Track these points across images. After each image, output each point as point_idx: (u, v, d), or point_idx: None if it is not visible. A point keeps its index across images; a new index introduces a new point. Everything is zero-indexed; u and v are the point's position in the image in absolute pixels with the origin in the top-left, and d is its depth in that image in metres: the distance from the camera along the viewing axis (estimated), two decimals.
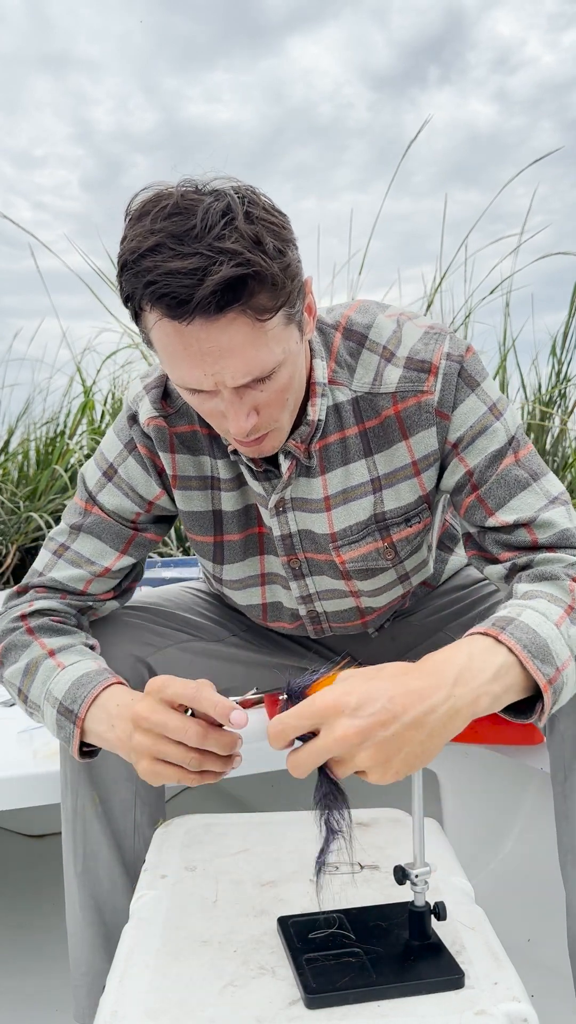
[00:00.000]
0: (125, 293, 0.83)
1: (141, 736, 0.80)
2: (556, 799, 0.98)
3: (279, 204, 0.86)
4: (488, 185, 4.37)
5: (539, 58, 5.43)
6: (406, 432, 0.99)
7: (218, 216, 0.78)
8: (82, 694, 0.92)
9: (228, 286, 0.77)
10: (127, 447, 1.07)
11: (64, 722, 0.93)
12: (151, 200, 0.81)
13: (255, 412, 0.88)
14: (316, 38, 6.27)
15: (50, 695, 0.95)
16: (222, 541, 1.11)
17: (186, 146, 5.84)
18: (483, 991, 0.68)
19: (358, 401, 1.00)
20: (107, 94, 5.80)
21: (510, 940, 0.80)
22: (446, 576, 1.28)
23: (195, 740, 0.77)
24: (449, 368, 0.96)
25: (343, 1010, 0.66)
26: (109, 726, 0.89)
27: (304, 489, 1.03)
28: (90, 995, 1.09)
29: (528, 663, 0.77)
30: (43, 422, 4.07)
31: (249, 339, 0.82)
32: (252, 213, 0.80)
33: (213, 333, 0.80)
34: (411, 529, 1.05)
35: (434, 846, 0.92)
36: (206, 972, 0.71)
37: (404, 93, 6.20)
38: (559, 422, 3.53)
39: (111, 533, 1.09)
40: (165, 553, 3.31)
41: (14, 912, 1.71)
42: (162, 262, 0.77)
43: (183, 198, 0.79)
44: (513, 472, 0.98)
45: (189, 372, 0.84)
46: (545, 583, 0.90)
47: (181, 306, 0.78)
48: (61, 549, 1.09)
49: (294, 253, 0.85)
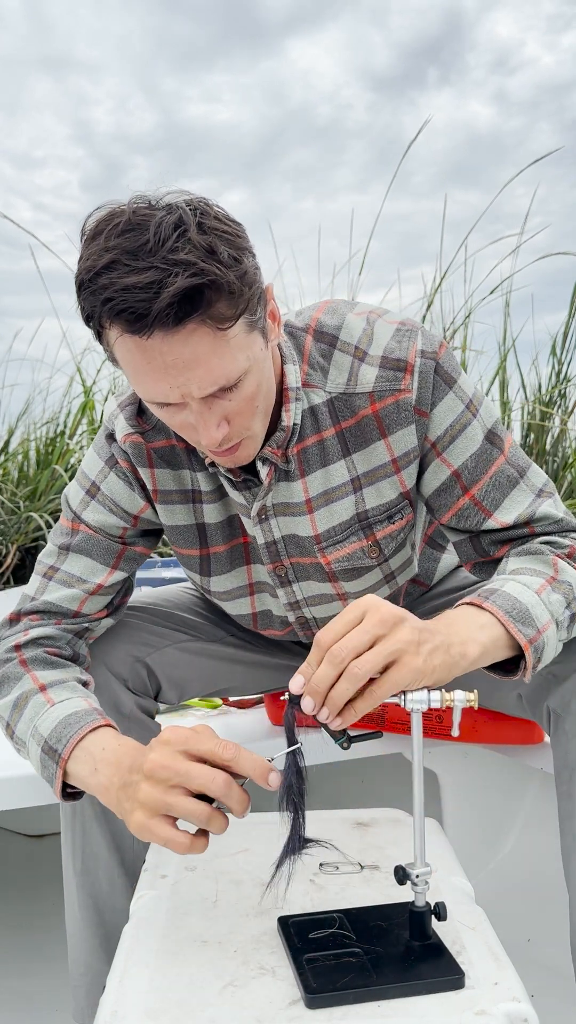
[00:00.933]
0: (85, 313, 0.83)
1: (151, 787, 0.76)
2: (560, 798, 0.98)
3: (279, 205, 0.86)
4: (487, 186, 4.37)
5: (538, 59, 5.44)
6: (384, 431, 0.99)
7: (171, 229, 0.78)
8: (68, 734, 0.89)
9: (185, 297, 0.77)
10: (108, 463, 1.07)
11: (48, 761, 0.90)
12: (104, 219, 0.81)
13: (225, 422, 0.88)
14: (315, 39, 6.28)
15: (36, 732, 0.92)
16: (208, 554, 1.10)
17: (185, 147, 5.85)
18: (483, 991, 0.68)
19: (333, 402, 1.00)
20: (107, 95, 5.80)
21: (510, 940, 0.80)
22: (439, 576, 1.28)
23: (221, 790, 0.74)
24: (425, 366, 0.97)
25: (343, 1010, 0.66)
26: (92, 770, 0.85)
27: (285, 494, 1.03)
28: (89, 995, 1.09)
29: (509, 625, 0.84)
30: (43, 422, 4.07)
31: (211, 348, 0.82)
32: (204, 224, 0.80)
33: (175, 345, 0.80)
34: (394, 526, 1.05)
35: (434, 846, 0.92)
36: (206, 972, 0.71)
37: (403, 94, 6.21)
38: (559, 422, 3.53)
39: (100, 549, 1.08)
40: (165, 553, 3.31)
41: (14, 912, 1.71)
42: (118, 278, 0.77)
43: (135, 214, 0.79)
44: (504, 471, 1.00)
45: (154, 386, 0.84)
46: (529, 558, 0.96)
47: (139, 320, 0.78)
48: (51, 571, 1.08)
49: (251, 260, 0.85)
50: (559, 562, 0.94)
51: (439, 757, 1.45)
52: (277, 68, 6.14)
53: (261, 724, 1.40)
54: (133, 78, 6.23)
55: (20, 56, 6.02)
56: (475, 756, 1.45)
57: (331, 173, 5.47)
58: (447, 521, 1.04)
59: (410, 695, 0.74)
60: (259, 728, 1.38)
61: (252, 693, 1.33)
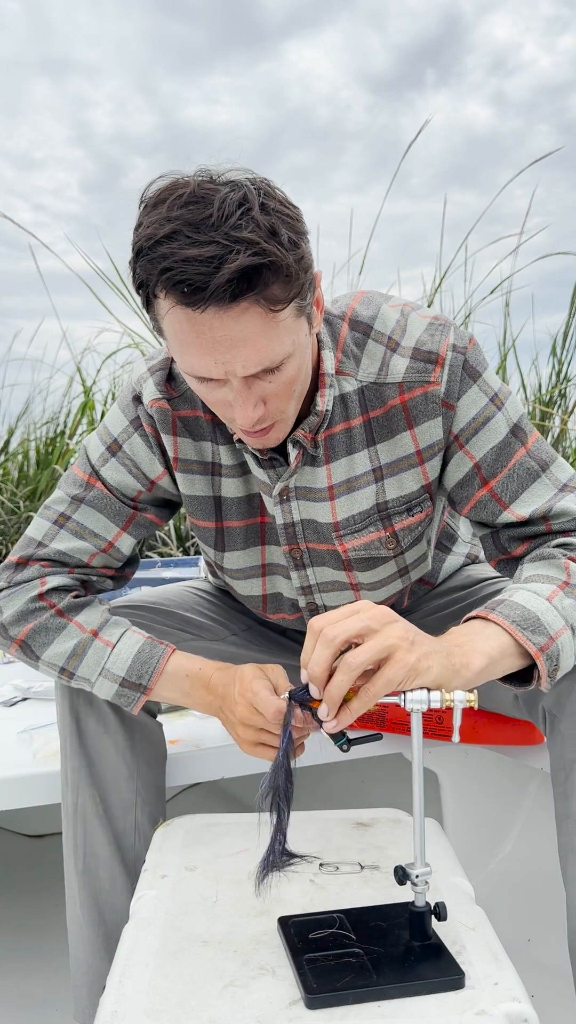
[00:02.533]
0: (139, 279, 0.83)
1: (243, 732, 0.95)
2: (557, 799, 0.98)
3: None
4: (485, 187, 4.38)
5: (536, 61, 5.45)
6: (411, 422, 0.99)
7: (235, 206, 0.78)
8: (147, 669, 1.02)
9: (243, 275, 0.78)
10: (133, 424, 1.07)
11: (127, 692, 1.02)
12: (167, 188, 0.81)
13: (262, 403, 0.89)
14: (313, 42, 6.29)
15: (108, 672, 1.02)
16: (223, 527, 1.11)
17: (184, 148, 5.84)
18: (483, 991, 0.68)
19: (364, 391, 1.00)
20: (106, 97, 5.81)
21: (510, 940, 0.80)
22: (443, 576, 1.28)
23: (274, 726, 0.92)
24: (455, 359, 0.97)
25: (343, 1010, 0.66)
26: (184, 693, 1.02)
27: (308, 478, 1.04)
28: (90, 995, 1.09)
29: (516, 634, 0.84)
30: (43, 422, 4.07)
31: (261, 329, 0.82)
32: (268, 204, 0.80)
33: (226, 322, 0.81)
34: (413, 519, 1.05)
35: (434, 846, 0.92)
36: (206, 972, 0.71)
37: (401, 96, 6.21)
38: (559, 422, 3.53)
39: (112, 509, 1.09)
40: (165, 553, 3.32)
41: (14, 912, 1.71)
42: (178, 249, 0.77)
43: (199, 187, 0.79)
44: (525, 464, 1.00)
45: (200, 360, 0.84)
46: (541, 563, 0.95)
47: (196, 293, 0.78)
48: (62, 519, 1.09)
49: (307, 246, 0.85)
50: (572, 565, 0.94)
51: (439, 757, 1.45)
52: (275, 70, 6.15)
53: None
54: (132, 80, 6.24)
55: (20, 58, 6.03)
56: (475, 756, 1.45)
57: (330, 174, 5.48)
58: (467, 514, 1.04)
59: (409, 695, 0.74)
60: None
61: None
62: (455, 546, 1.29)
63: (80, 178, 5.77)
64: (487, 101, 5.31)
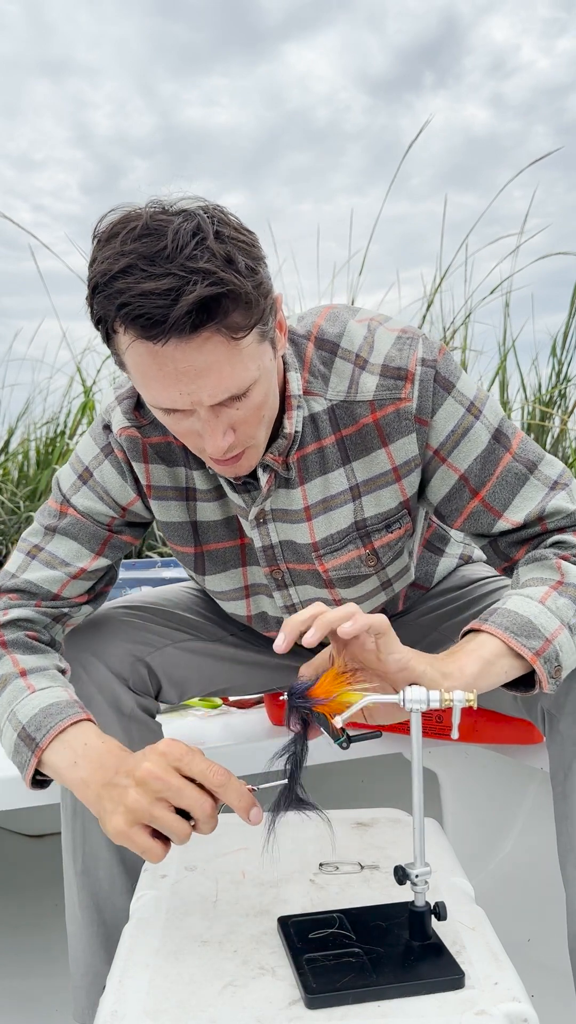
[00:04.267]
0: (97, 315, 0.82)
1: (139, 795, 0.76)
2: (556, 799, 0.98)
3: (277, 208, 0.86)
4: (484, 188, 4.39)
5: (534, 63, 5.45)
6: (385, 439, 0.98)
7: (189, 236, 0.77)
8: (48, 724, 0.89)
9: (203, 306, 0.77)
10: (103, 451, 1.06)
11: (23, 748, 0.90)
12: (119, 222, 0.80)
13: (231, 430, 0.88)
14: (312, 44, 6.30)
15: (13, 717, 0.92)
16: (203, 551, 1.10)
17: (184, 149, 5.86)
18: (483, 991, 0.68)
19: (334, 410, 0.99)
20: (106, 98, 5.81)
21: (510, 940, 0.80)
22: (438, 578, 1.28)
23: (205, 815, 0.76)
24: (425, 374, 0.96)
25: (343, 1010, 0.66)
26: (71, 763, 0.86)
27: (284, 500, 1.03)
28: (90, 995, 1.09)
29: (510, 640, 0.84)
30: (43, 422, 4.06)
31: (224, 357, 0.81)
32: (222, 232, 0.79)
33: (188, 353, 0.80)
34: (392, 535, 1.04)
35: (434, 846, 0.92)
36: (206, 972, 0.71)
37: (400, 98, 6.21)
38: (559, 422, 3.53)
39: (87, 534, 1.08)
40: (165, 553, 3.31)
41: (14, 912, 1.71)
42: (134, 283, 0.76)
43: (152, 219, 0.79)
44: (512, 469, 0.99)
45: (164, 392, 0.84)
46: (534, 566, 0.95)
47: (155, 327, 0.77)
48: (35, 550, 1.08)
49: (265, 271, 0.85)
50: (563, 564, 0.94)
51: (439, 757, 1.45)
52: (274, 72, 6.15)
53: (261, 724, 1.40)
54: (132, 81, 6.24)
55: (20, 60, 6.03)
56: (475, 756, 1.45)
57: (329, 175, 5.48)
58: (460, 526, 1.03)
59: (409, 695, 0.74)
60: (259, 728, 1.38)
61: (252, 693, 1.33)
62: (448, 547, 1.28)
63: (80, 179, 5.77)
64: (485, 103, 5.32)
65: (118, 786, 0.79)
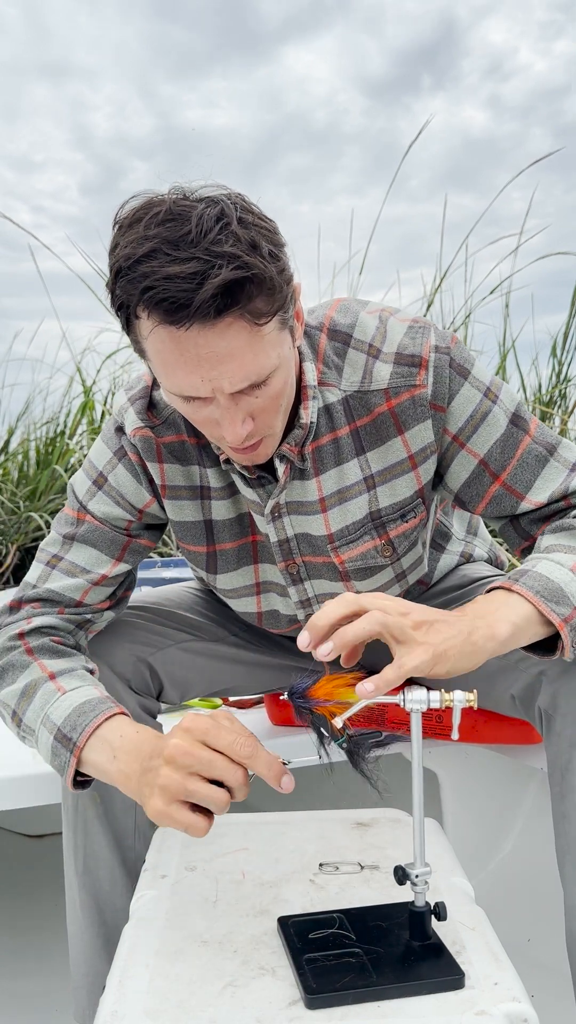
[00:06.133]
0: (119, 300, 0.82)
1: (171, 772, 0.76)
2: (553, 799, 0.98)
3: (276, 208, 0.87)
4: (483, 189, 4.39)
5: (531, 65, 5.46)
6: (401, 427, 0.99)
7: (213, 221, 0.77)
8: (83, 722, 0.89)
9: (227, 290, 0.77)
10: (116, 455, 1.06)
11: (60, 750, 0.90)
12: (142, 207, 0.81)
13: (250, 419, 0.88)
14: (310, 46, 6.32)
15: (48, 720, 0.92)
16: (215, 551, 1.10)
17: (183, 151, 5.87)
18: (483, 991, 0.68)
19: (348, 400, 1.00)
20: (105, 100, 5.82)
21: (510, 940, 0.80)
22: (439, 575, 1.28)
23: (238, 783, 0.76)
24: (439, 360, 0.97)
25: (343, 1010, 0.66)
26: (111, 757, 0.86)
27: (299, 492, 1.03)
28: (90, 996, 1.09)
29: (540, 605, 0.85)
30: (43, 422, 4.06)
31: (247, 343, 0.81)
32: (245, 219, 0.80)
33: (211, 338, 0.80)
34: (407, 524, 1.05)
35: (434, 846, 0.92)
36: (206, 972, 0.71)
37: (398, 100, 6.24)
38: (559, 422, 3.53)
39: (105, 540, 1.08)
40: (165, 553, 3.31)
41: (14, 912, 1.71)
42: (159, 267, 0.76)
43: (175, 204, 0.79)
44: (532, 451, 1.00)
45: (185, 378, 0.84)
46: (562, 534, 0.96)
47: (180, 310, 0.77)
48: (55, 560, 1.08)
49: (286, 258, 0.85)
50: None
51: (439, 757, 1.45)
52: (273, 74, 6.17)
53: (261, 724, 1.40)
54: (131, 84, 6.24)
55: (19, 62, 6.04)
56: (475, 756, 1.45)
57: (328, 177, 5.49)
58: (482, 511, 1.04)
59: (409, 695, 0.74)
60: (259, 728, 1.38)
61: (253, 693, 1.33)
62: (449, 544, 1.28)
63: (79, 180, 5.78)
64: (483, 105, 5.33)
65: (151, 769, 0.80)
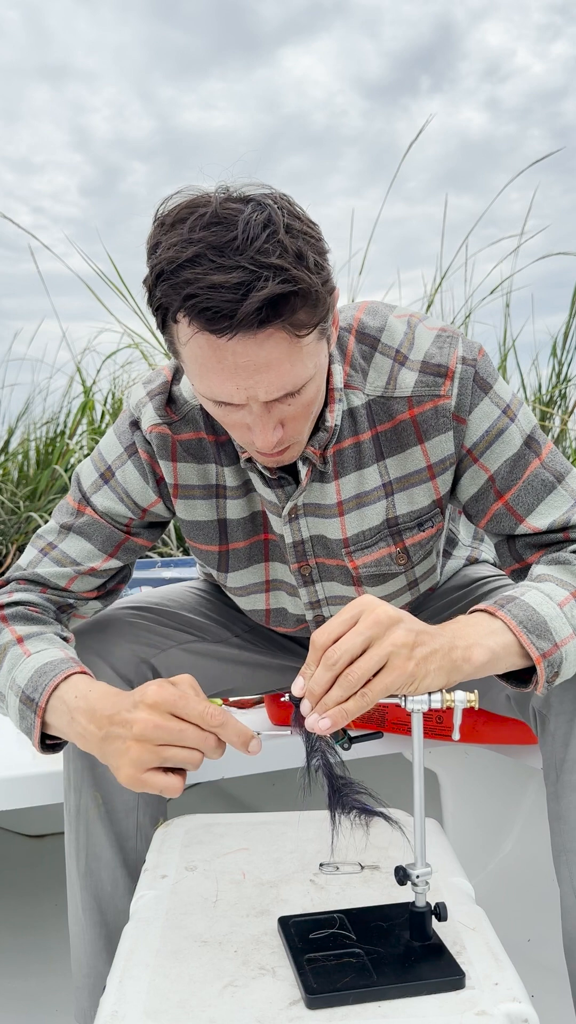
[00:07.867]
0: (158, 302, 0.80)
1: (142, 750, 0.77)
2: (549, 799, 0.98)
3: None
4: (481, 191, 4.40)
5: (528, 68, 5.47)
6: (422, 436, 0.98)
7: (260, 228, 0.75)
8: (43, 682, 0.88)
9: (271, 303, 0.75)
10: (127, 450, 1.05)
11: (26, 712, 0.89)
12: (186, 207, 0.78)
13: (281, 425, 0.87)
14: (309, 49, 6.33)
15: (14, 683, 0.92)
16: (227, 550, 1.10)
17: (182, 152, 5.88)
18: (483, 991, 0.68)
19: (371, 405, 0.99)
20: (104, 102, 5.83)
21: (510, 940, 0.80)
22: (443, 579, 1.29)
23: (213, 750, 0.78)
24: (465, 372, 0.96)
25: (343, 1010, 0.66)
26: (69, 719, 0.85)
27: (317, 495, 1.02)
28: (92, 996, 1.09)
29: (521, 636, 0.83)
30: (43, 422, 4.06)
31: (285, 354, 0.80)
32: (293, 226, 0.77)
33: (251, 348, 0.78)
34: (424, 534, 1.04)
35: (434, 846, 0.92)
36: (206, 972, 0.71)
37: (396, 102, 6.25)
38: (559, 422, 3.53)
39: (102, 535, 1.07)
40: (165, 553, 3.31)
41: (14, 913, 1.71)
42: (203, 274, 0.74)
43: (221, 206, 0.76)
44: (540, 476, 0.99)
45: (221, 386, 0.82)
46: (557, 567, 0.94)
47: (223, 321, 0.75)
48: (48, 547, 1.08)
49: (330, 266, 0.83)
50: None
51: (439, 757, 1.45)
52: (272, 76, 6.18)
53: (261, 724, 1.40)
54: (130, 86, 6.26)
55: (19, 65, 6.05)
56: (475, 756, 1.45)
57: (326, 179, 5.49)
58: (484, 527, 1.03)
59: (410, 695, 0.74)
60: (259, 728, 1.38)
61: (256, 693, 1.33)
62: (455, 550, 1.29)
63: (79, 182, 5.79)
64: (481, 107, 5.34)
65: (118, 738, 0.79)
